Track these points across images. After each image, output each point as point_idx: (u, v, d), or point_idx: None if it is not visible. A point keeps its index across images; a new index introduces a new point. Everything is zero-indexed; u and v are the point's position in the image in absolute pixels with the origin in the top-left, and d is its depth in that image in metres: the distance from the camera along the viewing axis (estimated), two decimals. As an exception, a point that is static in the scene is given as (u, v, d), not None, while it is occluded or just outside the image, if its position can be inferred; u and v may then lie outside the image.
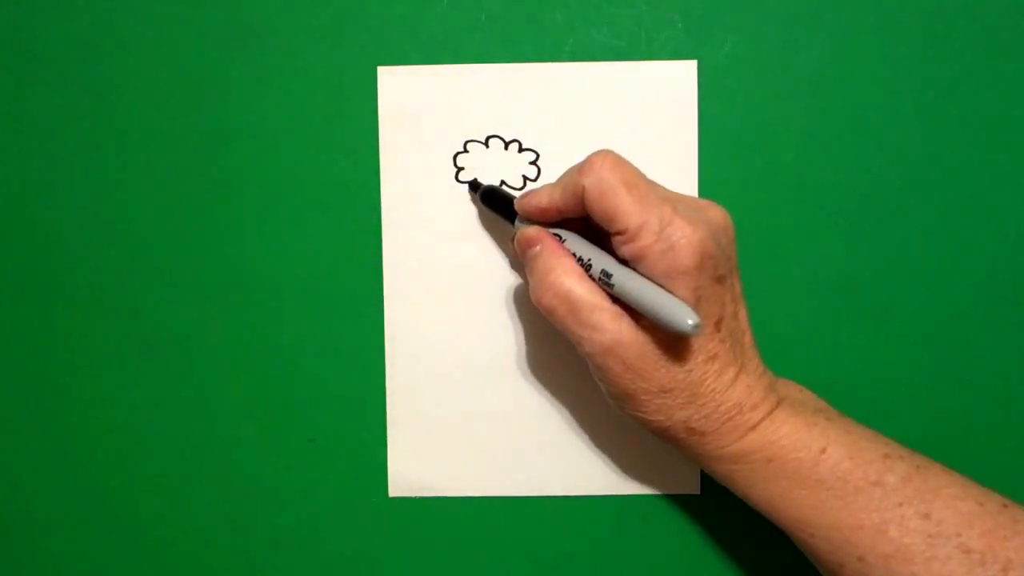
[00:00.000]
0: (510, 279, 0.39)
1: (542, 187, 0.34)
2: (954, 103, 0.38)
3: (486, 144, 0.38)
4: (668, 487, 0.39)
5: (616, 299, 0.31)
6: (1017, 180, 0.38)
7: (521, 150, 0.38)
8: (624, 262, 0.31)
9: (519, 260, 0.35)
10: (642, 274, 0.30)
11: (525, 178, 0.38)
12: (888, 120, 0.38)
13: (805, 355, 0.38)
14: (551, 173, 0.38)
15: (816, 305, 0.38)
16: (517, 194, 0.35)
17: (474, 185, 0.38)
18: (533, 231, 0.33)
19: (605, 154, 0.31)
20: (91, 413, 0.40)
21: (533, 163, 0.38)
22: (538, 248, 0.33)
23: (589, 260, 0.31)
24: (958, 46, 0.38)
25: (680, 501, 0.39)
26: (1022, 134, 0.38)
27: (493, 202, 0.37)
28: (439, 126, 0.38)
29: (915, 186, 0.38)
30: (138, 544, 0.40)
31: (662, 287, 0.30)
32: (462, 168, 0.38)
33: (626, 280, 0.30)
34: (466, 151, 0.38)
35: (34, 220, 0.39)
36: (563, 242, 0.33)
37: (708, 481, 0.39)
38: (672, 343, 0.30)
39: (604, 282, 0.31)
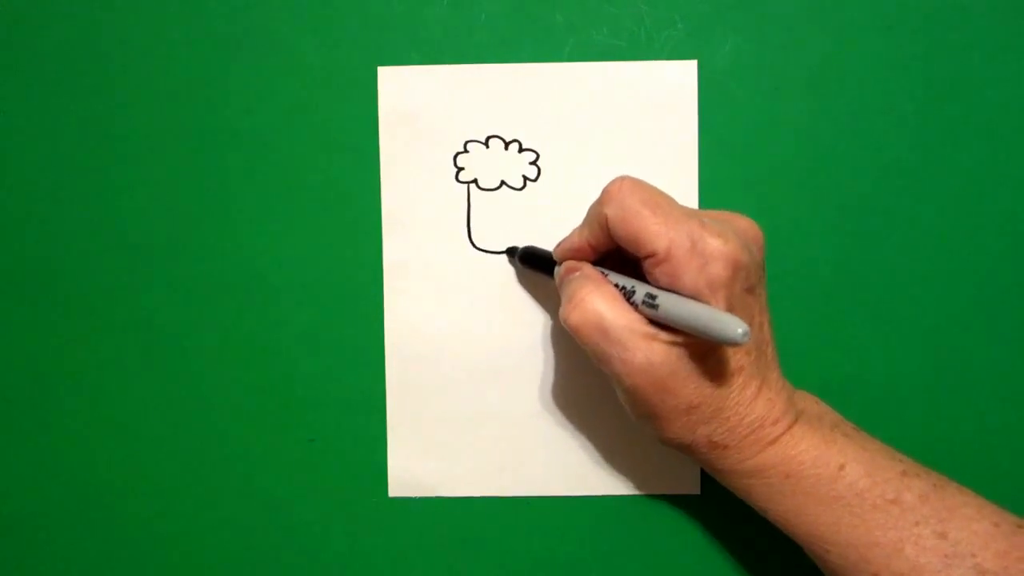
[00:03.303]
0: (510, 279, 0.39)
1: (572, 231, 0.34)
2: (954, 103, 0.38)
3: (486, 144, 0.38)
4: (668, 487, 0.39)
5: (652, 321, 0.30)
6: (1017, 180, 0.38)
7: (521, 150, 0.38)
8: (658, 286, 0.30)
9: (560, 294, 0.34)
10: (679, 293, 0.30)
11: (525, 178, 0.38)
12: (888, 120, 0.38)
13: (805, 355, 0.38)
14: (551, 173, 0.38)
15: (816, 305, 0.38)
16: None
17: (511, 251, 0.38)
18: (574, 263, 0.33)
19: (622, 180, 0.31)
20: (90, 413, 0.40)
21: (533, 163, 0.38)
22: (577, 274, 0.33)
23: (632, 288, 0.31)
24: (958, 46, 0.38)
25: (680, 501, 0.39)
26: (1022, 134, 0.38)
27: (532, 261, 0.37)
28: (439, 126, 0.38)
29: (915, 186, 0.38)
30: (138, 544, 0.40)
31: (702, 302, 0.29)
32: (462, 168, 0.38)
33: (671, 301, 0.29)
34: (466, 151, 0.38)
35: (34, 220, 0.39)
36: (604, 275, 0.32)
37: (708, 481, 0.39)
38: (703, 359, 0.30)
39: (648, 305, 0.30)
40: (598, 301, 0.30)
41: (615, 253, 0.33)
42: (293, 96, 0.38)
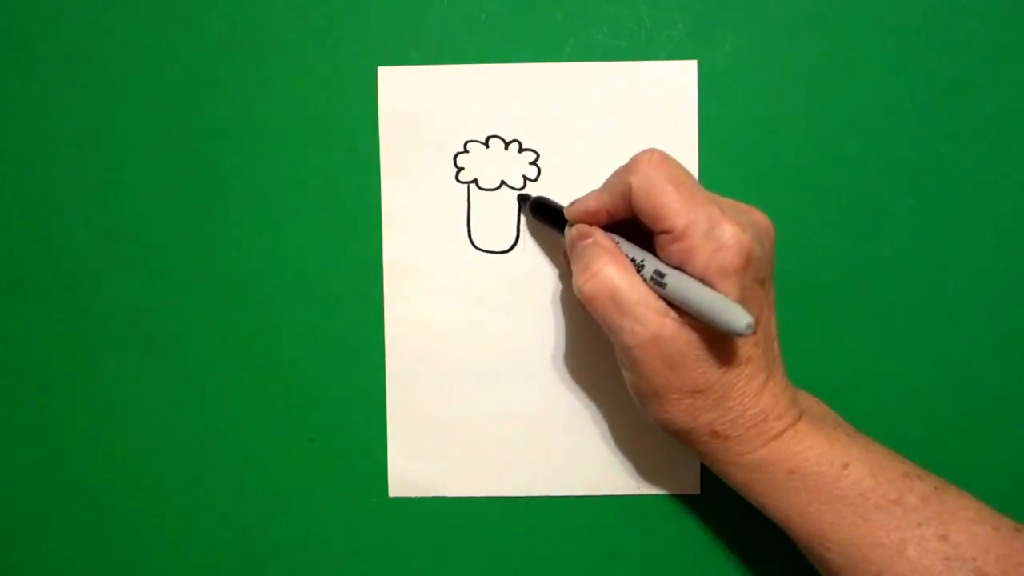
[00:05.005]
0: (510, 278, 0.39)
1: (589, 192, 0.33)
2: (954, 103, 0.38)
3: (486, 144, 0.38)
4: (669, 487, 0.39)
5: (662, 298, 0.30)
6: (1017, 180, 0.38)
7: (521, 150, 0.38)
8: (669, 263, 0.31)
9: (568, 258, 0.34)
10: (689, 274, 0.30)
11: (525, 178, 0.38)
12: (888, 120, 0.38)
13: (804, 354, 0.38)
14: (551, 173, 0.38)
15: (815, 305, 0.38)
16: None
17: (523, 198, 0.38)
18: (587, 228, 0.33)
19: (652, 152, 0.31)
20: (90, 413, 0.40)
21: (533, 163, 0.38)
22: (589, 240, 0.32)
23: (642, 261, 0.31)
24: (958, 46, 0.38)
25: (680, 501, 0.39)
26: (1022, 134, 0.38)
27: (543, 212, 0.37)
28: (439, 126, 0.38)
29: (915, 186, 0.38)
30: (137, 544, 0.40)
31: (710, 287, 0.29)
32: (462, 168, 0.38)
33: (679, 281, 0.30)
34: (466, 151, 0.38)
35: (34, 220, 0.39)
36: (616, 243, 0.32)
37: (708, 481, 0.39)
38: (713, 343, 0.30)
39: (656, 282, 0.30)
40: (613, 272, 0.31)
41: (626, 222, 0.33)
42: (293, 96, 0.38)
